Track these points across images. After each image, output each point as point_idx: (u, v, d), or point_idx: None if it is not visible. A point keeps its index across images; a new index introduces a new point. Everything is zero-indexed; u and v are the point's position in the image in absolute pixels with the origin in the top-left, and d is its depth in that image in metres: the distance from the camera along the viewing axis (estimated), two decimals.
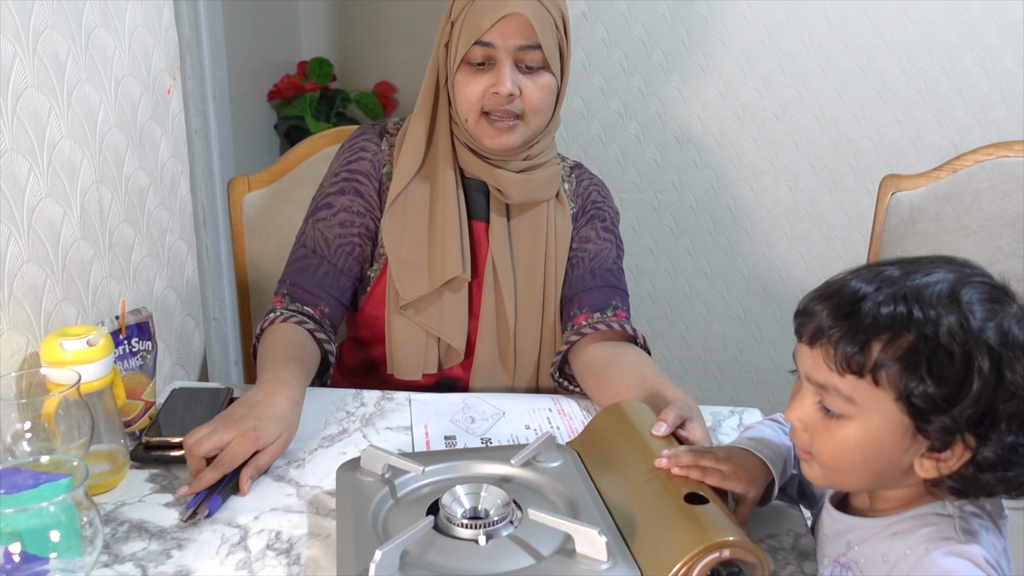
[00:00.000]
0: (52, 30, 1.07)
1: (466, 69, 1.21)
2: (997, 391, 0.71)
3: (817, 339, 0.76)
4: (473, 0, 1.19)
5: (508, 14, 1.16)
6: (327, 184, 1.32)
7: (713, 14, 2.17)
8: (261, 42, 3.01)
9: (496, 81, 1.19)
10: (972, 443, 0.72)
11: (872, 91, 2.21)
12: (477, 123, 1.22)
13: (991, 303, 0.72)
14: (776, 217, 2.33)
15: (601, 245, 1.35)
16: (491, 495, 0.91)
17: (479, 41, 1.18)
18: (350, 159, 1.31)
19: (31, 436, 0.93)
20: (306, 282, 1.28)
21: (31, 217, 1.04)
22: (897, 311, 0.72)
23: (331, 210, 1.30)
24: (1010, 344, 0.71)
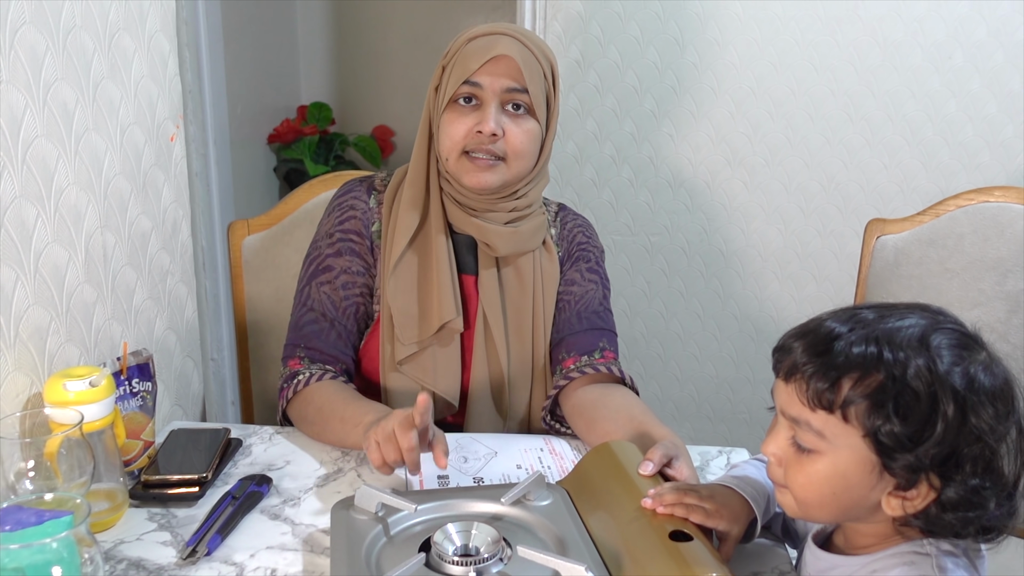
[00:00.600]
0: (62, 82, 1.11)
1: (453, 108, 1.23)
2: (961, 434, 0.73)
3: (792, 375, 0.79)
4: (466, 43, 1.23)
5: (498, 55, 1.20)
6: (323, 244, 1.33)
7: (703, 62, 2.23)
8: (261, 87, 3.07)
9: (481, 120, 1.21)
10: (936, 483, 0.75)
11: (859, 136, 2.26)
12: (458, 161, 1.24)
13: (960, 349, 0.76)
14: (767, 259, 2.37)
15: (586, 287, 1.37)
16: (482, 533, 0.94)
17: (467, 80, 1.21)
18: (341, 218, 1.33)
19: (34, 475, 0.95)
20: (322, 344, 1.30)
21: (38, 261, 1.07)
22: (868, 351, 0.75)
23: (332, 272, 1.31)
24: (975, 389, 0.74)
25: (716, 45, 2.22)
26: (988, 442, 0.73)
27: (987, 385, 0.75)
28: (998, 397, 0.75)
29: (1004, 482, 0.75)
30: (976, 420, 0.73)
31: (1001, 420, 0.74)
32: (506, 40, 1.22)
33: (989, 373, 0.75)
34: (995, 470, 0.74)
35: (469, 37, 1.24)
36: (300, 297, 1.34)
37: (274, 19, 3.21)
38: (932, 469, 0.74)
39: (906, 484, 0.76)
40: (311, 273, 1.33)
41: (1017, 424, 0.76)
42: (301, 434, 1.30)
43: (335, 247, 1.32)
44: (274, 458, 1.23)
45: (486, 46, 1.21)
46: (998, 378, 0.76)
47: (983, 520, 0.75)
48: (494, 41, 1.22)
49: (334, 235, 1.32)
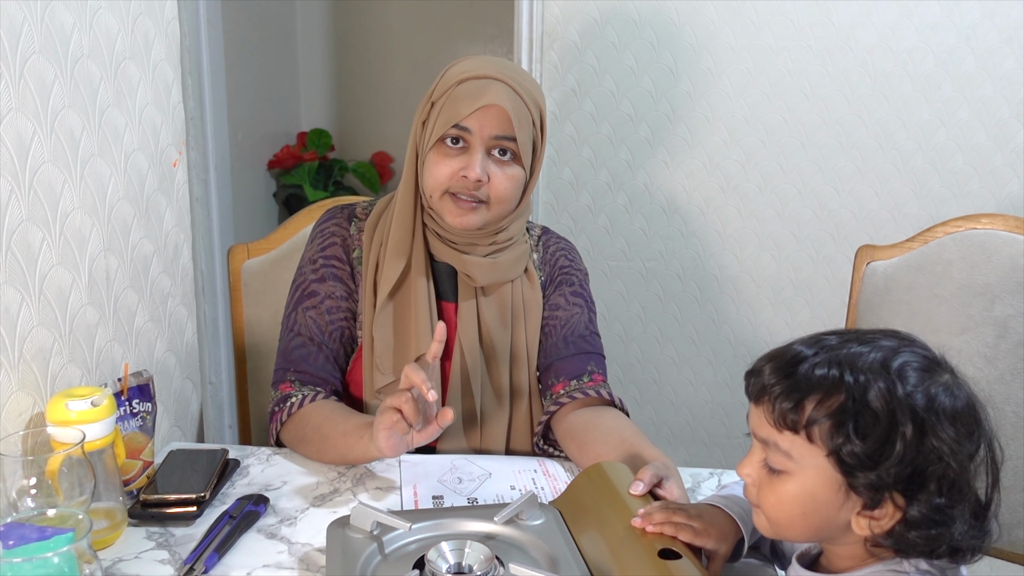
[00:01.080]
0: (69, 109, 1.14)
1: (439, 148, 1.23)
2: (921, 453, 0.75)
3: (760, 397, 0.82)
4: (457, 84, 1.22)
5: (489, 104, 1.20)
6: (308, 271, 1.35)
7: (697, 90, 2.27)
8: (262, 113, 3.11)
9: (466, 165, 1.22)
10: (901, 502, 0.77)
11: (851, 164, 2.30)
12: (441, 200, 1.25)
13: (922, 372, 0.78)
14: (761, 285, 2.39)
15: (571, 311, 1.38)
16: (475, 551, 0.95)
17: (456, 125, 1.21)
18: (324, 244, 1.35)
19: (35, 492, 0.97)
20: (310, 367, 1.32)
21: (42, 283, 1.10)
22: (830, 373, 0.78)
23: (317, 298, 1.34)
24: (935, 411, 0.76)
25: (710, 74, 2.26)
26: (950, 462, 0.75)
27: (948, 406, 0.76)
28: (959, 418, 0.77)
29: (971, 501, 0.77)
30: (935, 441, 0.75)
31: (963, 441, 0.76)
32: (497, 87, 1.21)
33: (951, 395, 0.77)
34: (960, 490, 0.76)
35: (460, 78, 1.23)
36: (287, 323, 1.36)
37: (275, 47, 3.26)
38: (895, 488, 0.76)
39: (872, 503, 0.77)
40: (297, 299, 1.35)
41: (987, 445, 0.78)
42: (298, 455, 1.32)
43: (318, 273, 1.34)
44: (271, 478, 1.25)
45: (477, 92, 1.20)
46: (960, 400, 0.78)
47: (951, 540, 0.77)
48: (485, 87, 1.21)
49: (316, 261, 1.34)
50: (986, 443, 0.78)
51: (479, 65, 1.24)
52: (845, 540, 0.82)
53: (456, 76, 1.23)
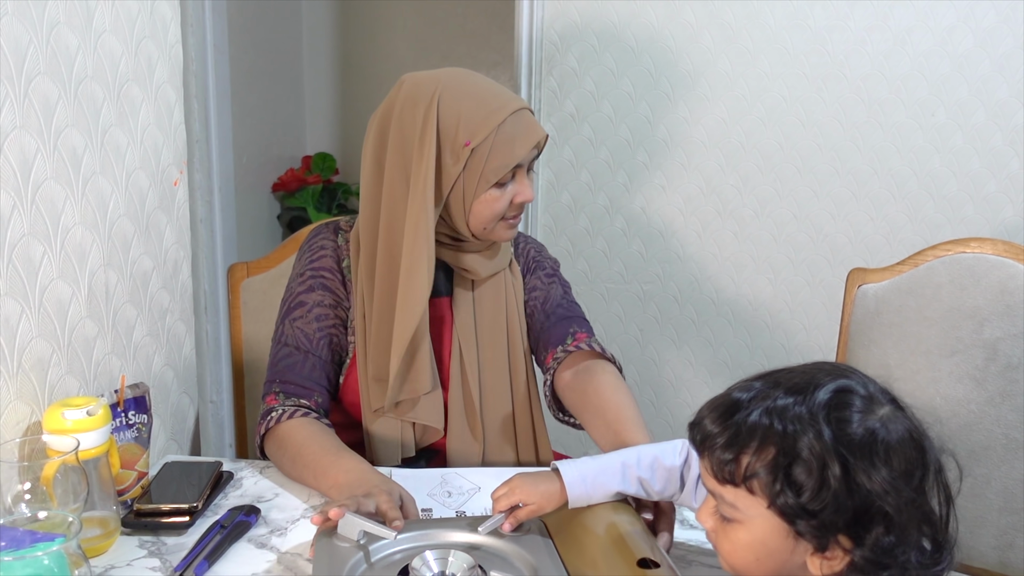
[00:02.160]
0: (72, 128, 1.18)
1: (494, 189, 1.28)
2: (855, 495, 0.75)
3: (702, 450, 0.83)
4: (496, 130, 1.25)
5: (540, 139, 1.30)
6: (295, 284, 1.39)
7: (694, 116, 2.31)
8: (267, 137, 3.16)
9: (519, 191, 1.31)
10: (847, 544, 0.76)
11: (846, 190, 2.32)
12: (494, 227, 1.32)
13: (854, 411, 0.77)
14: (757, 308, 2.41)
15: (547, 289, 1.45)
16: (458, 560, 0.97)
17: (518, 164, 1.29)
18: (312, 258, 1.39)
19: (30, 498, 0.99)
20: (295, 377, 1.34)
21: (42, 296, 1.13)
22: (761, 422, 0.78)
23: (305, 307, 1.37)
24: (866, 451, 0.75)
25: (706, 101, 2.30)
26: (889, 500, 0.74)
27: (881, 443, 0.76)
28: (894, 453, 0.76)
29: (929, 527, 0.77)
30: (868, 482, 0.74)
31: (899, 476, 0.75)
32: (528, 116, 1.30)
33: (885, 430, 0.77)
34: (905, 527, 0.75)
35: (497, 121, 1.25)
36: (275, 337, 1.39)
37: (281, 72, 3.32)
38: (841, 532, 0.76)
39: (820, 547, 0.77)
40: (284, 312, 1.39)
41: (934, 471, 0.78)
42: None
43: (306, 284, 1.38)
44: (263, 490, 1.27)
45: (526, 131, 1.28)
46: (894, 434, 0.77)
47: (905, 573, 0.76)
48: (526, 123, 1.28)
49: (304, 274, 1.38)
50: (934, 469, 0.77)
51: (485, 97, 1.27)
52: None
53: (492, 120, 1.25)
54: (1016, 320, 1.61)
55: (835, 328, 2.37)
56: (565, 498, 1.03)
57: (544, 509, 1.03)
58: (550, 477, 1.04)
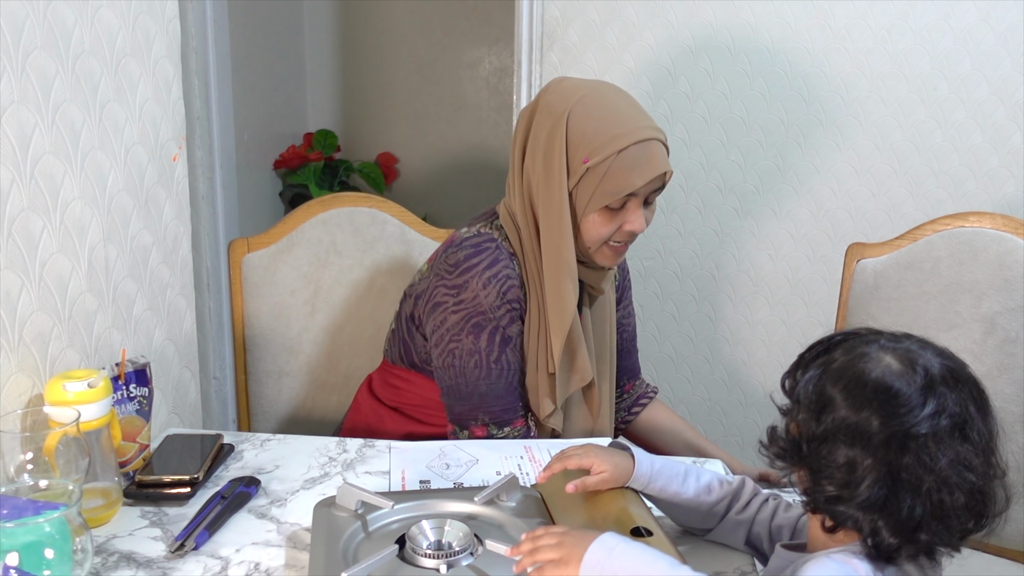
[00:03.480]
0: (70, 103, 1.18)
1: (604, 211, 1.27)
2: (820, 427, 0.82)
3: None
4: (617, 155, 1.24)
5: (660, 172, 1.26)
6: (499, 313, 1.32)
7: (695, 92, 2.30)
8: (269, 114, 3.16)
9: (630, 220, 1.28)
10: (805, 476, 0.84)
11: (847, 165, 2.32)
12: (599, 250, 1.32)
13: (852, 348, 0.85)
14: (758, 284, 2.41)
15: (633, 320, 1.63)
16: (454, 529, 0.99)
17: (631, 193, 1.26)
18: (502, 288, 1.32)
19: (32, 468, 1.01)
20: (508, 403, 1.36)
21: (42, 270, 1.14)
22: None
23: (510, 343, 1.34)
24: (833, 379, 0.83)
25: (707, 76, 2.29)
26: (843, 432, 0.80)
27: (857, 379, 0.82)
28: (854, 388, 0.81)
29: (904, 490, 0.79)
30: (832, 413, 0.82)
31: (855, 409, 0.80)
32: (658, 150, 1.27)
33: (874, 367, 0.82)
34: (862, 464, 0.79)
35: (621, 145, 1.23)
36: (483, 364, 1.34)
37: (282, 49, 3.31)
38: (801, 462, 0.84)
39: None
40: (498, 340, 1.33)
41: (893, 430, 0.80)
42: (290, 441, 1.36)
43: (507, 316, 1.34)
44: (264, 462, 1.28)
45: (645, 162, 1.24)
46: (869, 375, 0.81)
47: (865, 521, 0.80)
48: (650, 155, 1.25)
49: (502, 306, 1.33)
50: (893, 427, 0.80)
51: (620, 120, 1.26)
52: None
53: (612, 141, 1.24)
54: (1014, 294, 1.61)
55: (835, 304, 2.38)
56: (630, 476, 1.03)
57: (612, 481, 1.02)
58: (621, 453, 1.05)
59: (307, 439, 1.36)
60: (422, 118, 3.55)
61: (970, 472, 0.79)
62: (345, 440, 1.36)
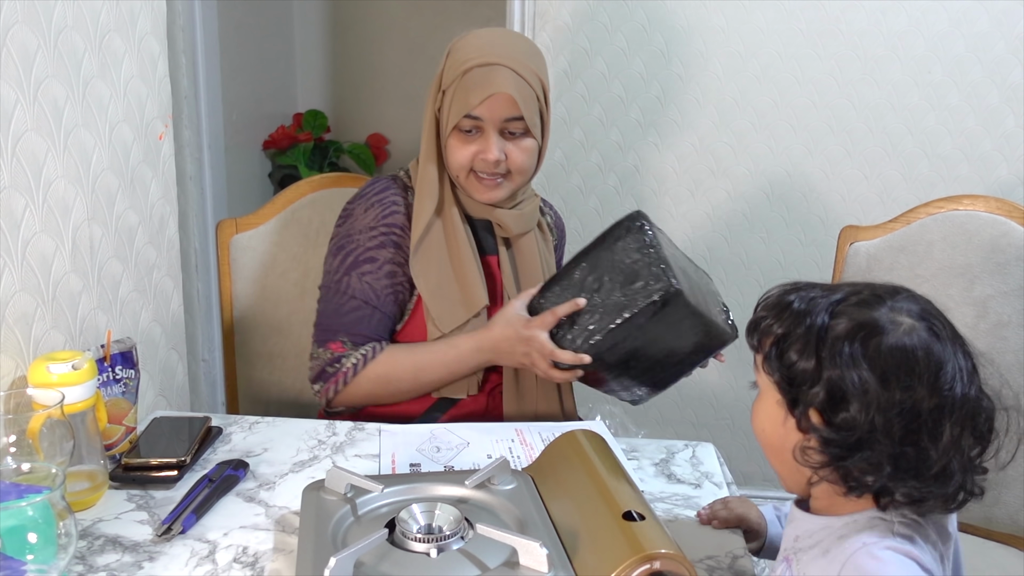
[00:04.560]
0: (52, 79, 1.16)
1: (456, 135, 1.34)
2: (829, 381, 0.78)
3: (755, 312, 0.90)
4: (463, 74, 1.31)
5: (495, 93, 1.29)
6: (363, 238, 1.39)
7: (688, 73, 2.28)
8: (257, 93, 3.13)
9: (483, 148, 1.33)
10: (817, 420, 0.80)
11: (840, 148, 2.30)
12: (467, 179, 1.37)
13: (867, 309, 0.80)
14: (750, 267, 2.41)
15: None
16: (445, 513, 0.97)
17: (468, 115, 1.30)
18: (383, 213, 1.39)
19: (16, 451, 0.99)
20: (366, 330, 1.38)
21: (25, 250, 1.12)
22: (789, 303, 0.84)
23: (375, 263, 1.38)
24: (847, 341, 0.79)
25: (701, 57, 2.27)
26: (858, 397, 0.77)
27: (875, 341, 0.78)
28: (886, 356, 0.77)
29: (894, 450, 0.76)
30: (837, 370, 0.78)
31: (879, 379, 0.77)
32: (502, 74, 1.30)
33: (884, 333, 0.78)
34: (875, 429, 0.76)
35: (466, 67, 1.30)
36: (338, 286, 1.39)
37: (271, 27, 3.27)
38: (813, 407, 0.80)
39: (797, 421, 0.81)
40: (350, 264, 1.39)
41: (958, 413, 0.77)
42: (279, 423, 1.34)
43: (378, 239, 1.38)
44: (252, 445, 1.27)
45: (483, 81, 1.29)
46: (893, 340, 0.78)
47: (884, 479, 0.77)
48: (490, 76, 1.29)
49: (376, 228, 1.39)
50: (952, 405, 0.77)
51: (481, 48, 1.32)
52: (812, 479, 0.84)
53: (462, 64, 1.31)
54: (1007, 278, 1.60)
55: None
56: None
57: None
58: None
59: (296, 422, 1.35)
60: (413, 99, 3.51)
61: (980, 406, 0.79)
62: (335, 423, 1.35)
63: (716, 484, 1.21)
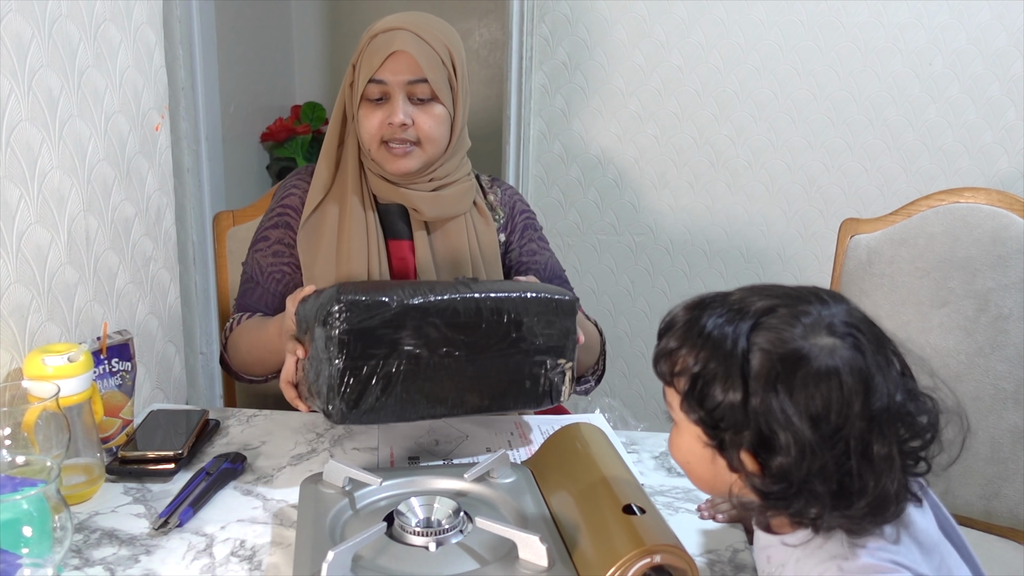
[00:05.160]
0: (47, 68, 1.15)
1: (365, 104, 1.34)
2: (753, 419, 0.72)
3: (659, 337, 0.83)
4: (368, 43, 1.33)
5: (394, 51, 1.30)
6: (265, 219, 1.45)
7: (687, 65, 2.27)
8: (255, 85, 3.11)
9: (390, 113, 1.31)
10: (752, 467, 0.74)
11: (840, 140, 2.30)
12: (378, 151, 1.34)
13: (787, 328, 0.74)
14: (749, 260, 2.40)
15: (545, 255, 1.50)
16: (443, 506, 0.97)
17: (373, 79, 1.31)
18: (283, 196, 1.45)
19: (11, 444, 0.98)
20: (248, 302, 1.43)
21: (20, 241, 1.10)
22: (698, 326, 0.77)
23: (267, 242, 1.43)
24: (770, 375, 0.72)
25: (700, 49, 2.26)
26: (784, 434, 0.71)
27: (796, 369, 0.72)
28: (809, 384, 0.72)
29: (829, 481, 0.72)
30: (763, 407, 0.72)
31: (804, 412, 0.71)
32: (402, 35, 1.31)
33: (808, 359, 0.72)
34: (804, 466, 0.71)
35: (371, 35, 1.33)
36: (243, 264, 1.46)
37: (269, 19, 3.25)
38: (744, 449, 0.74)
39: (728, 461, 0.76)
40: (251, 243, 1.45)
41: (886, 424, 0.73)
42: (277, 416, 1.33)
43: (272, 220, 1.44)
44: (250, 438, 1.26)
45: (384, 44, 1.30)
46: (817, 363, 0.72)
47: (820, 510, 0.73)
48: (391, 38, 1.30)
49: (275, 210, 1.45)
50: (883, 419, 0.72)
51: (388, 21, 1.34)
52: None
53: (368, 34, 1.34)
54: (1008, 271, 1.60)
55: (827, 281, 2.37)
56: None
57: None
58: None
59: (294, 415, 1.34)
60: None
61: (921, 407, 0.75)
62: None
63: None
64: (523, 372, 1.13)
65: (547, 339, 1.14)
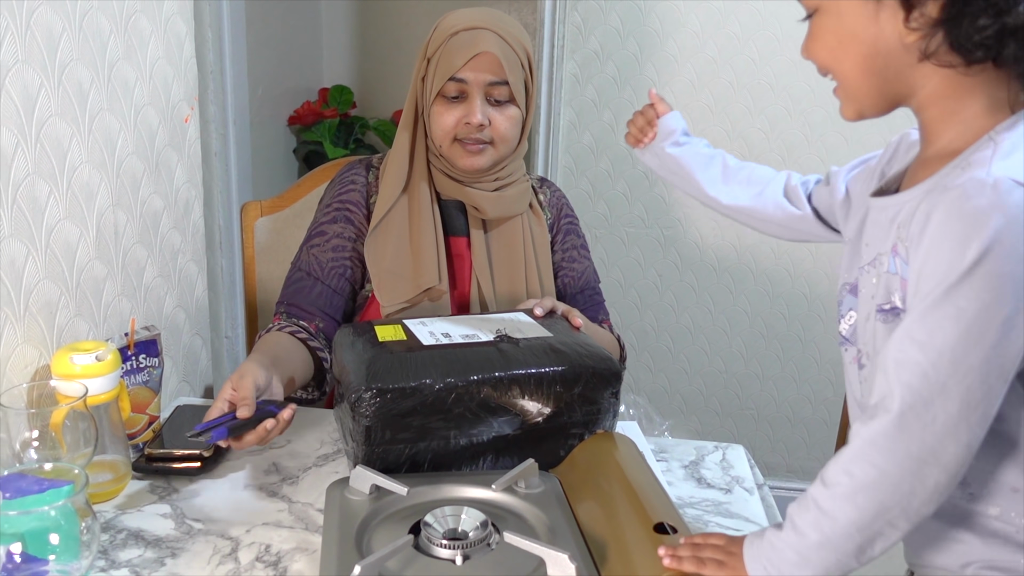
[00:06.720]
0: (77, 62, 1.14)
1: (441, 101, 1.32)
2: None
3: None
4: (448, 39, 1.31)
5: (480, 53, 1.28)
6: (320, 215, 1.43)
7: (722, 56, 2.23)
8: (283, 69, 3.09)
9: (468, 113, 1.31)
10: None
11: (879, 137, 2.24)
12: (451, 148, 1.35)
13: None
14: (779, 256, 2.36)
15: (584, 264, 1.52)
16: (471, 517, 0.95)
17: (453, 77, 1.30)
18: (340, 191, 1.42)
19: (38, 444, 0.98)
20: (302, 301, 1.37)
21: (49, 237, 1.10)
22: None
23: (324, 237, 1.40)
24: None
25: (736, 40, 2.21)
26: None
27: None
28: None
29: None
30: None
31: None
32: (486, 36, 1.29)
33: None
34: None
35: (452, 31, 1.31)
36: (294, 261, 1.42)
37: (298, 3, 3.23)
38: None
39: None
40: (304, 239, 1.42)
41: None
42: (303, 412, 1.32)
43: (330, 215, 1.41)
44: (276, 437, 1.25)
45: (469, 43, 1.29)
46: None
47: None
48: (475, 38, 1.29)
49: (331, 205, 1.42)
50: None
51: (467, 17, 1.32)
52: (912, 81, 0.79)
53: (447, 30, 1.32)
54: None
55: None
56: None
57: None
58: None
59: (320, 411, 1.33)
60: None
61: None
62: None
63: (747, 489, 1.18)
64: (557, 443, 1.12)
65: (586, 414, 1.11)
